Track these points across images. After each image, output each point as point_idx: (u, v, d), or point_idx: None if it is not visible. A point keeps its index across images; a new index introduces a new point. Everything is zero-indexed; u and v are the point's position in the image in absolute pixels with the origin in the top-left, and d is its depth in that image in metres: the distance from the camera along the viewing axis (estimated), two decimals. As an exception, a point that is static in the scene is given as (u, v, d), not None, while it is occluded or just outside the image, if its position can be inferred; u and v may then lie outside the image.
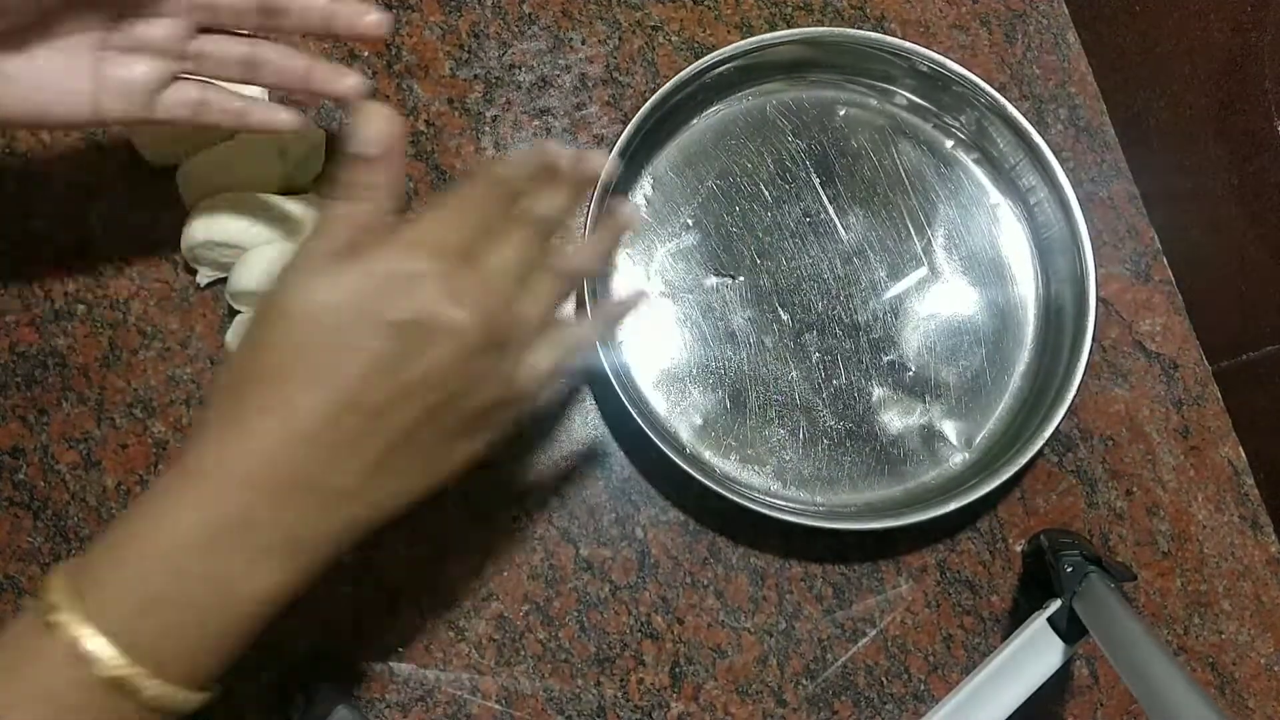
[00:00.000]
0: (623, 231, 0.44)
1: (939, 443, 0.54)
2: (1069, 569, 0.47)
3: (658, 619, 0.51)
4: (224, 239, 0.50)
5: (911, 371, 0.54)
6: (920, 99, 0.57)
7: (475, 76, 0.57)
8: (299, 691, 0.47)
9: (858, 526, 0.51)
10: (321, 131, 0.53)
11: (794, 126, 0.57)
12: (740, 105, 0.57)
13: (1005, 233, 0.57)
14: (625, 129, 0.52)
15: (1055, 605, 0.46)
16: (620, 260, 0.54)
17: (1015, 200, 0.57)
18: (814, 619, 0.52)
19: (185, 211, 0.52)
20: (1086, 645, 0.48)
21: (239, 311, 0.51)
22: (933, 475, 0.53)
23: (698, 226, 0.55)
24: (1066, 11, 0.61)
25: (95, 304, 0.52)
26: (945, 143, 0.57)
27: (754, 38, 0.54)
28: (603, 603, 0.51)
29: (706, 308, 0.54)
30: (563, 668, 0.50)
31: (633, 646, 0.51)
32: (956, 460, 0.54)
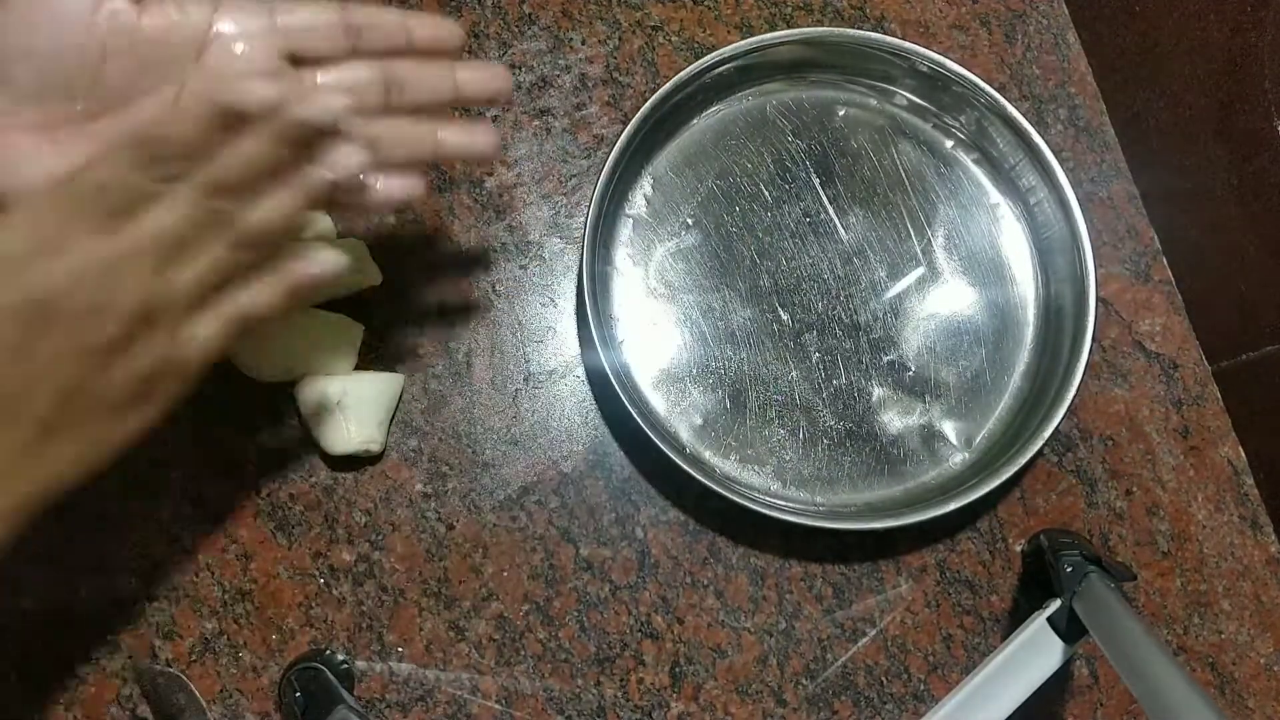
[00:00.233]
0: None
1: (939, 443, 0.54)
2: (1069, 569, 0.47)
3: (658, 619, 0.51)
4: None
5: (911, 371, 0.54)
6: (920, 99, 0.57)
7: (475, 76, 0.57)
8: (298, 691, 0.47)
9: (858, 526, 0.51)
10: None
11: (794, 126, 0.57)
12: (740, 105, 0.57)
13: (1005, 233, 0.57)
14: (625, 129, 0.52)
15: (1055, 605, 0.46)
16: (620, 261, 0.54)
17: (1015, 200, 0.57)
18: (814, 619, 0.52)
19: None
20: (1086, 645, 0.48)
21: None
22: (933, 475, 0.53)
23: (698, 226, 0.55)
24: (1066, 11, 0.61)
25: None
26: (945, 143, 0.57)
27: (754, 38, 0.54)
28: (603, 603, 0.51)
29: (706, 308, 0.54)
30: (563, 668, 0.50)
31: (633, 646, 0.51)
32: (956, 460, 0.54)
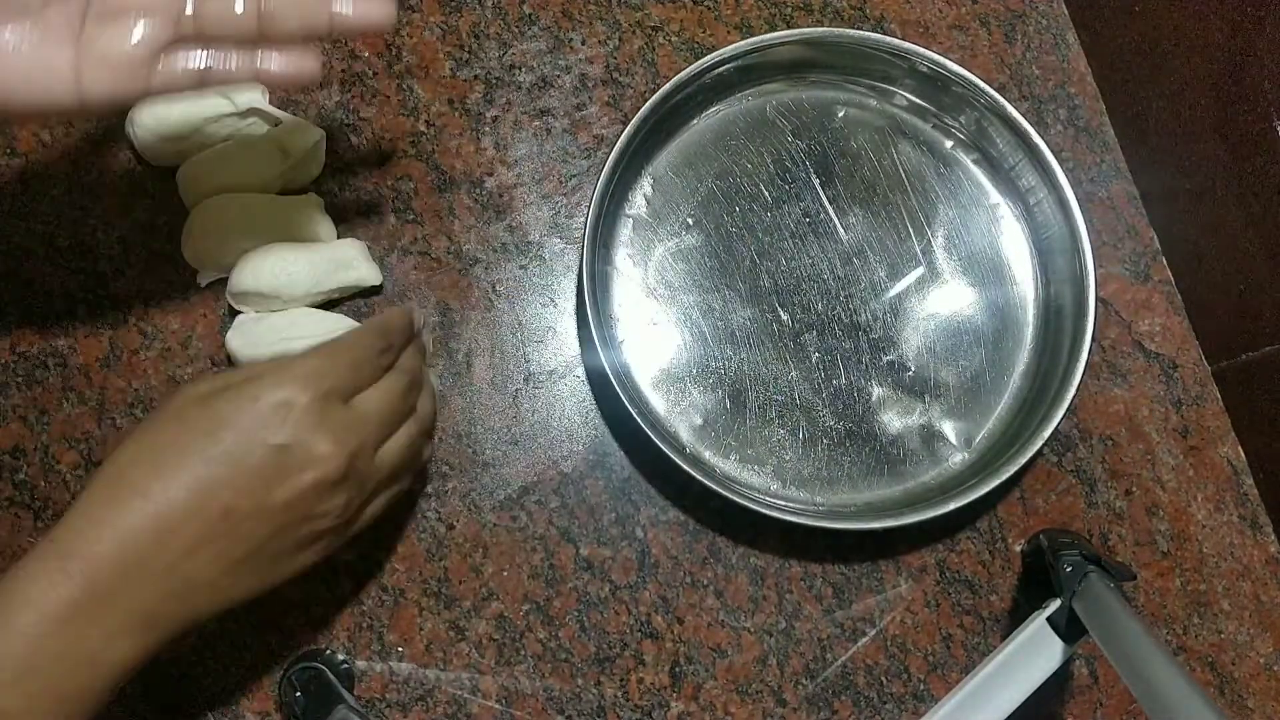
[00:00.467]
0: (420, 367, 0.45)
1: (939, 443, 0.54)
2: (1068, 569, 0.47)
3: (658, 619, 0.51)
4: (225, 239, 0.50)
5: (911, 371, 0.54)
6: (920, 99, 0.57)
7: (475, 77, 0.57)
8: (298, 691, 0.47)
9: (858, 526, 0.51)
10: (321, 130, 0.53)
11: (794, 126, 0.57)
12: (740, 105, 0.57)
13: (1005, 233, 0.57)
14: (625, 129, 0.52)
15: (1055, 605, 0.46)
16: (620, 261, 0.54)
17: (1015, 200, 0.57)
18: (814, 619, 0.52)
19: (185, 211, 0.52)
20: (1086, 645, 0.48)
21: (239, 312, 0.51)
22: (932, 475, 0.53)
23: (698, 226, 0.55)
24: (1066, 11, 0.61)
25: (95, 304, 0.52)
26: (945, 143, 0.57)
27: (754, 38, 0.54)
28: (603, 603, 0.51)
29: (706, 307, 0.54)
30: (563, 667, 0.50)
31: (633, 646, 0.51)
32: (956, 460, 0.54)
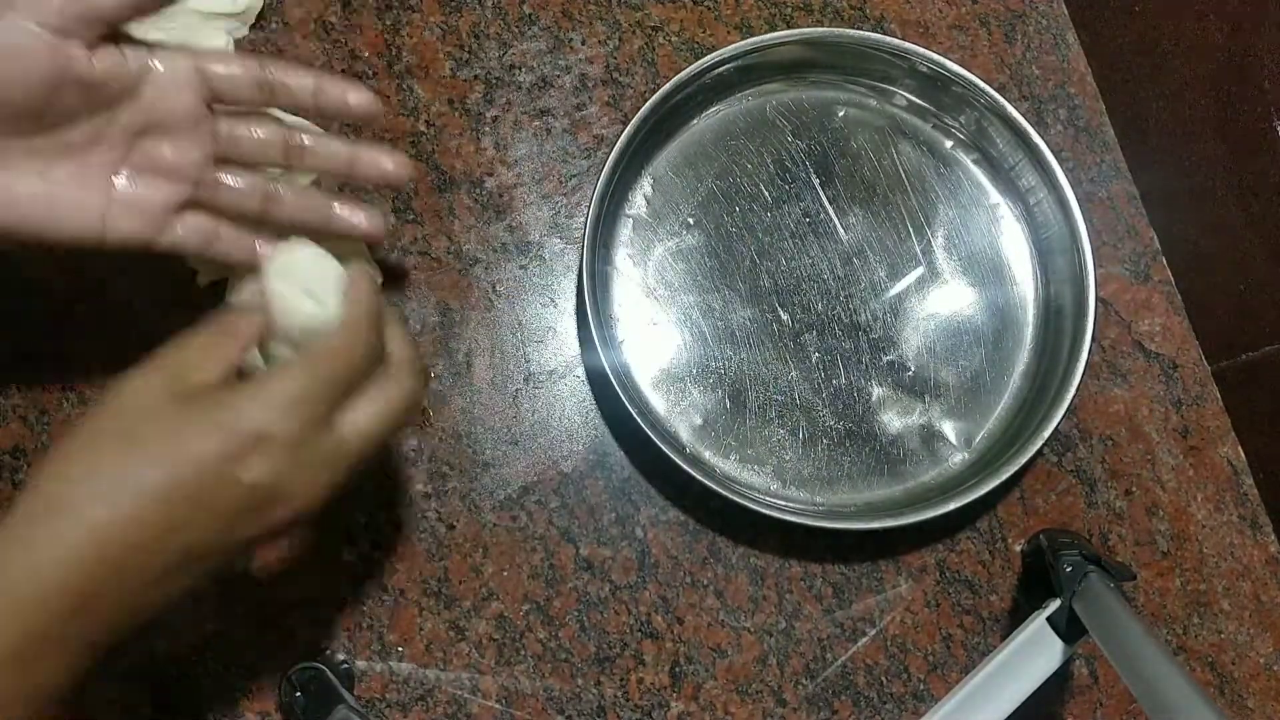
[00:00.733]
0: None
1: (939, 443, 0.54)
2: (1068, 569, 0.47)
3: (658, 619, 0.51)
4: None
5: (911, 371, 0.54)
6: (920, 99, 0.57)
7: (475, 77, 0.57)
8: (298, 691, 0.47)
9: (858, 526, 0.51)
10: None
11: (794, 127, 0.57)
12: (740, 105, 0.57)
13: (1005, 233, 0.57)
14: (625, 129, 0.52)
15: (1055, 605, 0.46)
16: (620, 261, 0.54)
17: (1015, 200, 0.57)
18: (814, 619, 0.52)
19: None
20: (1086, 645, 0.48)
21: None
22: (932, 475, 0.53)
23: (698, 226, 0.55)
24: (1066, 12, 0.61)
25: (96, 304, 0.52)
26: (945, 143, 0.57)
27: (754, 38, 0.54)
28: (603, 602, 0.51)
29: (706, 307, 0.54)
30: (563, 667, 0.50)
31: (633, 646, 0.51)
32: (956, 460, 0.54)
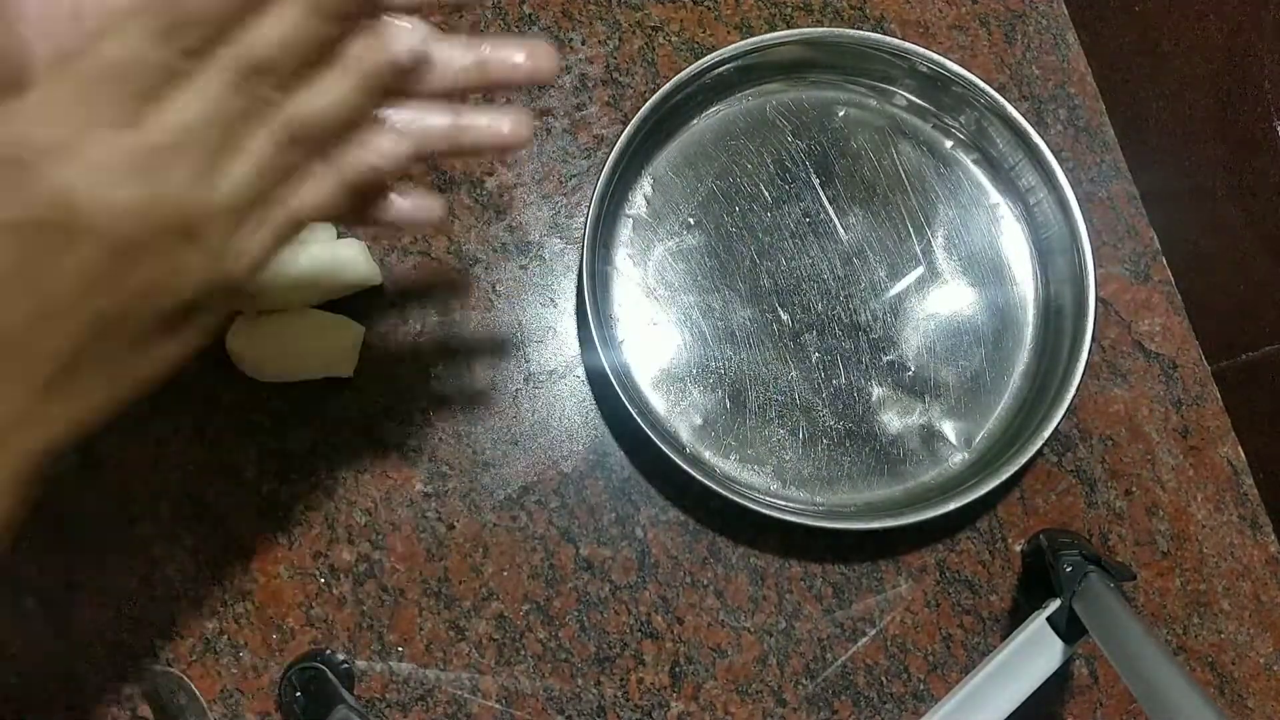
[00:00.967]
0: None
1: (939, 443, 0.54)
2: (1068, 569, 0.47)
3: (658, 619, 0.51)
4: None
5: (911, 371, 0.54)
6: (920, 99, 0.57)
7: (475, 77, 0.57)
8: (298, 691, 0.47)
9: (858, 526, 0.51)
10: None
11: (794, 126, 0.57)
12: (740, 105, 0.57)
13: (1005, 233, 0.57)
14: (625, 129, 0.52)
15: (1055, 605, 0.46)
16: (620, 261, 0.54)
17: (1015, 200, 0.57)
18: (814, 619, 0.52)
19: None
20: (1086, 645, 0.48)
21: (239, 312, 0.51)
22: (932, 475, 0.53)
23: (698, 226, 0.55)
24: (1066, 12, 0.61)
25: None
26: (945, 143, 0.57)
27: (754, 38, 0.54)
28: (603, 602, 0.51)
29: (706, 307, 0.54)
30: (563, 667, 0.50)
31: (633, 646, 0.51)
32: (956, 460, 0.54)
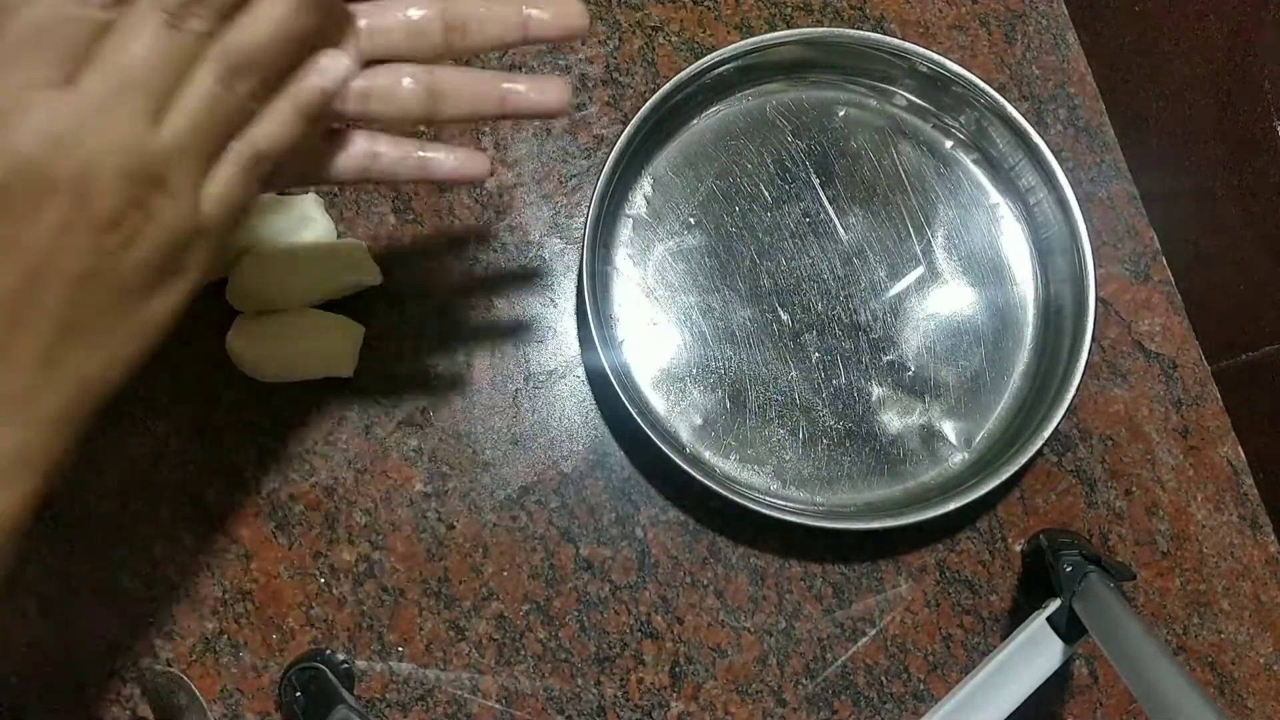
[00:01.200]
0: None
1: (939, 442, 0.54)
2: (1068, 569, 0.47)
3: (658, 619, 0.51)
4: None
5: (911, 371, 0.54)
6: (920, 99, 0.57)
7: (475, 77, 0.57)
8: (299, 691, 0.47)
9: (858, 526, 0.51)
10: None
11: (794, 126, 0.57)
12: (740, 105, 0.57)
13: (1005, 233, 0.57)
14: (625, 129, 0.52)
15: (1055, 605, 0.46)
16: (620, 261, 0.54)
17: (1014, 200, 0.57)
18: (814, 619, 0.52)
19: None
20: (1086, 645, 0.48)
21: (239, 312, 0.51)
22: (932, 475, 0.53)
23: (698, 226, 0.55)
24: (1066, 12, 0.61)
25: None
26: (945, 143, 0.57)
27: (754, 38, 0.54)
28: (603, 602, 0.51)
29: (706, 307, 0.54)
30: (563, 667, 0.50)
31: (633, 646, 0.51)
32: (956, 460, 0.54)
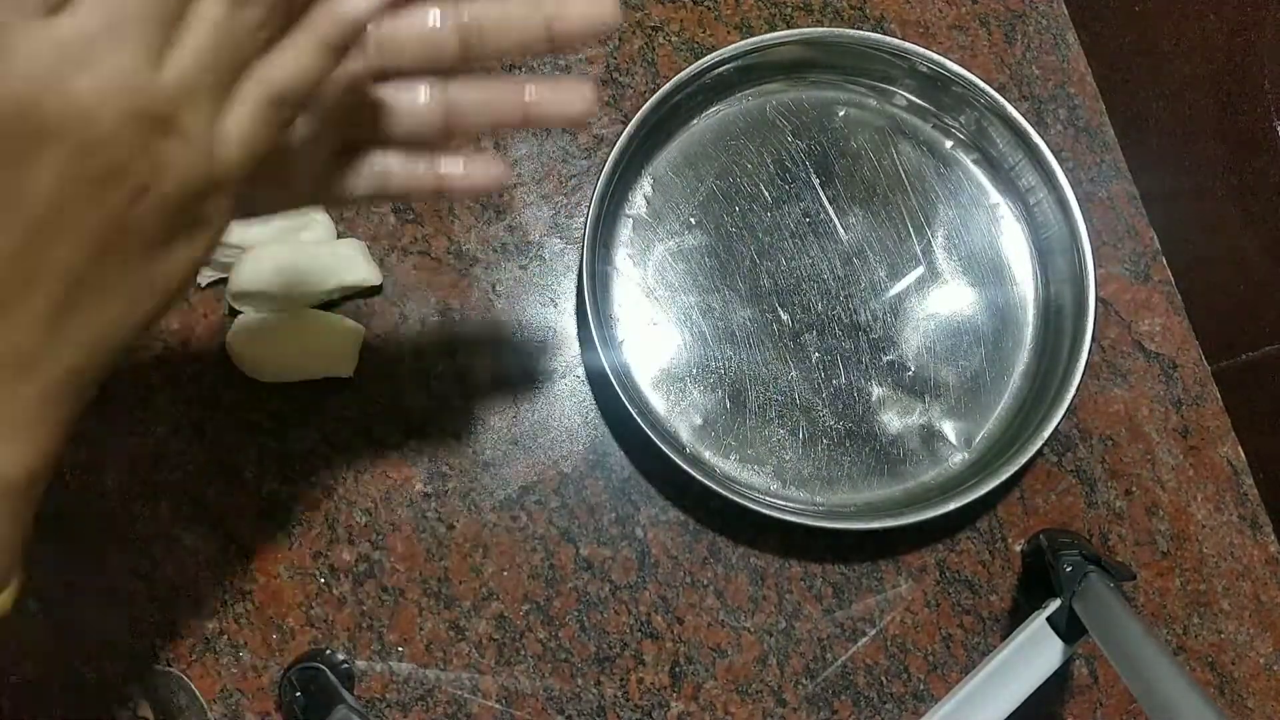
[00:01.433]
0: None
1: (939, 442, 0.54)
2: (1068, 569, 0.47)
3: (658, 619, 0.51)
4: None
5: (911, 371, 0.54)
6: (920, 99, 0.57)
7: (475, 77, 0.57)
8: (299, 691, 0.47)
9: (858, 526, 0.51)
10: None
11: (794, 126, 0.57)
12: (740, 105, 0.57)
13: (1005, 233, 0.57)
14: (625, 129, 0.52)
15: (1055, 605, 0.46)
16: (620, 261, 0.54)
17: (1015, 200, 0.57)
18: (814, 619, 0.52)
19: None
20: (1086, 645, 0.48)
21: (239, 312, 0.51)
22: (932, 475, 0.53)
23: (698, 226, 0.55)
24: (1066, 12, 0.61)
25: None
26: (945, 143, 0.57)
27: (754, 38, 0.54)
28: (603, 602, 0.51)
29: (706, 307, 0.54)
30: (563, 667, 0.50)
31: (633, 646, 0.51)
32: (956, 460, 0.54)
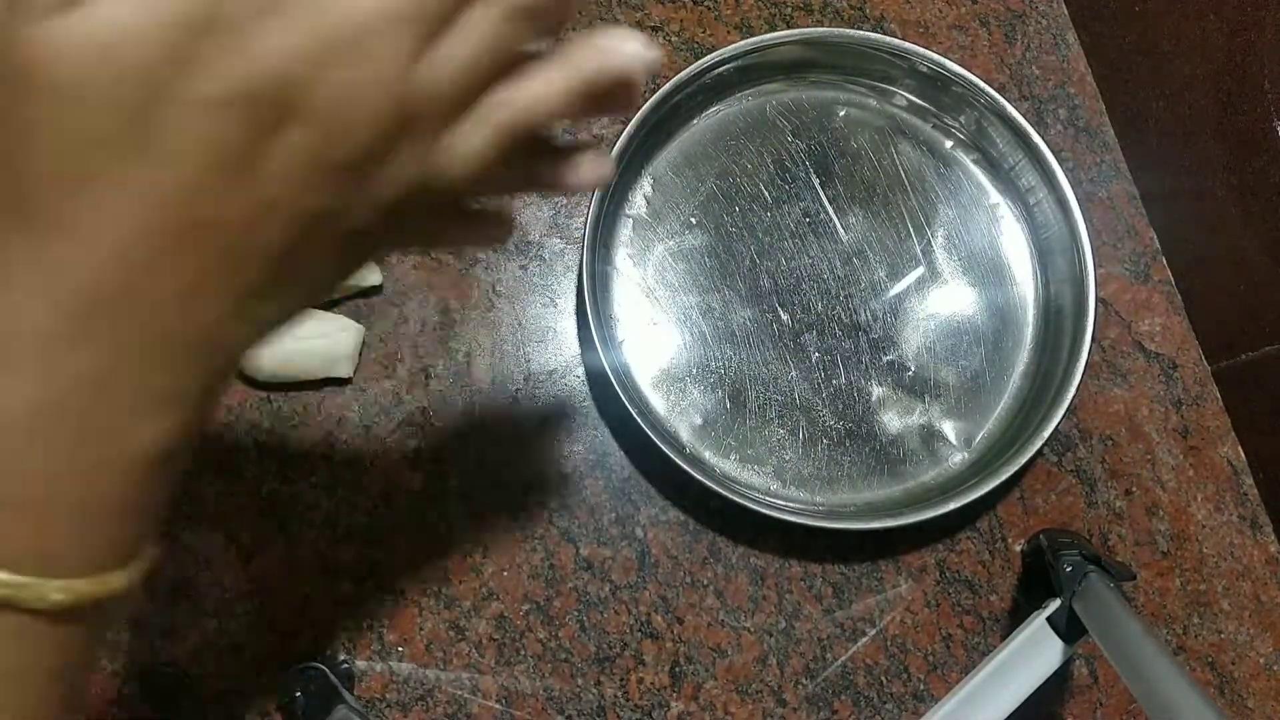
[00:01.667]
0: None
1: (938, 442, 0.54)
2: (1068, 568, 0.47)
3: (658, 619, 0.51)
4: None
5: (911, 371, 0.54)
6: (920, 99, 0.57)
7: (475, 77, 0.57)
8: (298, 691, 0.47)
9: (858, 526, 0.51)
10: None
11: (794, 126, 0.57)
12: (740, 105, 0.57)
13: (1005, 233, 0.57)
14: (625, 129, 0.52)
15: (1055, 605, 0.46)
16: (620, 261, 0.54)
17: (1014, 200, 0.57)
18: (814, 618, 0.52)
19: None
20: (1086, 645, 0.48)
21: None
22: (932, 475, 0.53)
23: (698, 226, 0.55)
24: (1066, 12, 0.61)
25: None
26: (945, 143, 0.57)
27: (754, 38, 0.54)
28: (603, 602, 0.51)
29: (706, 307, 0.54)
30: (563, 667, 0.50)
31: (633, 646, 0.51)
32: (956, 460, 0.54)
